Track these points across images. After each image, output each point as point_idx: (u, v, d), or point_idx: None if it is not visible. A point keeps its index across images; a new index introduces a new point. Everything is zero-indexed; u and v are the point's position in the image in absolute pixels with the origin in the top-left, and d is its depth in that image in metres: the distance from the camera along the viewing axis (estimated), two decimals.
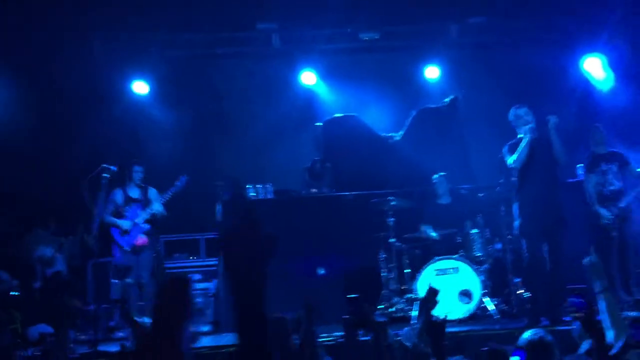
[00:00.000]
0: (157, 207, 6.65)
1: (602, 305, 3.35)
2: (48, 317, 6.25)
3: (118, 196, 6.66)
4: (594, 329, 3.08)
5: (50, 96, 7.96)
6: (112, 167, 6.08)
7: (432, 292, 3.68)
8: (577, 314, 3.27)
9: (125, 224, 6.59)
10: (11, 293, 6.60)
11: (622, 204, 6.29)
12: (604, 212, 6.33)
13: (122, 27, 7.77)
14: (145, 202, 6.68)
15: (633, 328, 3.24)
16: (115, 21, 7.63)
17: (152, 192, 6.76)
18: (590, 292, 3.51)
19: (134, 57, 8.17)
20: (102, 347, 5.58)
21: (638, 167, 6.45)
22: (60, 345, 4.66)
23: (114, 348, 5.42)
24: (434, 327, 3.15)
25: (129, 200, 6.67)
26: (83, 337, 6.18)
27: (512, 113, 6.01)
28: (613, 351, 3.15)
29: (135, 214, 6.63)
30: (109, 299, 6.53)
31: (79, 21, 7.39)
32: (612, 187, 6.40)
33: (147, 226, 6.63)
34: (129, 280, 6.43)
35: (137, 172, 6.72)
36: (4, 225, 7.37)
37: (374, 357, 2.99)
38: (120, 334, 6.20)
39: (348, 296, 3.07)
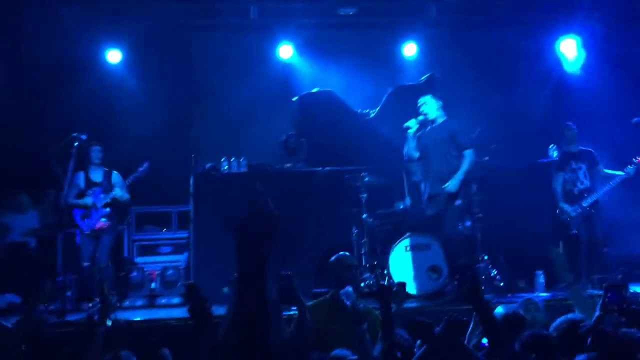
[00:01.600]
0: (118, 191, 6.60)
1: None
2: (15, 287, 6.23)
3: (80, 179, 6.59)
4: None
5: (20, 65, 7.77)
6: (82, 136, 6.04)
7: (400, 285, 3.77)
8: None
9: (87, 200, 6.55)
10: None
11: (584, 203, 6.47)
12: (567, 207, 6.53)
13: None
14: (107, 186, 6.62)
15: (609, 292, 3.31)
16: None
17: (115, 176, 6.72)
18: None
19: (108, 25, 8.01)
20: (70, 317, 5.58)
21: (606, 167, 6.60)
22: (30, 316, 4.63)
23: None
24: (383, 291, 3.22)
25: (90, 183, 6.61)
26: (51, 307, 6.15)
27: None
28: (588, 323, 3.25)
29: (97, 198, 6.57)
30: (76, 269, 6.47)
31: None
32: (581, 186, 6.57)
33: (106, 210, 6.56)
34: (86, 263, 6.39)
35: (96, 152, 6.63)
36: None
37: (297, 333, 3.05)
38: (88, 305, 6.17)
39: (281, 273, 3.08)
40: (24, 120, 7.78)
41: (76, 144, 6.04)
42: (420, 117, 6.37)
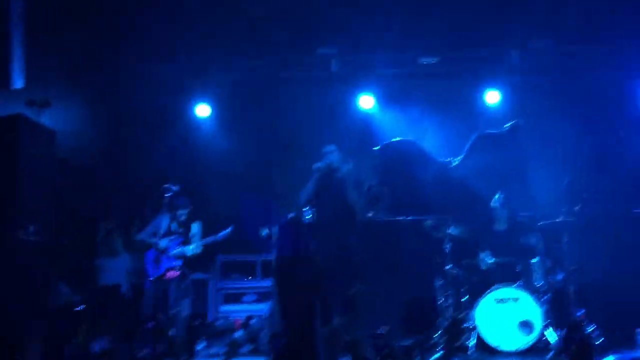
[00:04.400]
0: (193, 247, 6.59)
1: None
2: (107, 331, 6.44)
3: (164, 223, 6.64)
4: None
5: (118, 117, 8.29)
6: (173, 187, 6.27)
7: None
8: None
9: (161, 243, 6.56)
10: (75, 309, 6.83)
11: None
12: None
13: (187, 51, 8.04)
14: (185, 237, 6.65)
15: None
16: (180, 47, 7.92)
17: (195, 228, 6.71)
18: None
19: (197, 80, 8.41)
20: None
21: None
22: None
23: None
24: None
25: (170, 231, 6.63)
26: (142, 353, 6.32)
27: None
28: None
29: (173, 247, 6.60)
30: (166, 314, 6.61)
31: (147, 47, 7.71)
32: None
33: (178, 262, 6.58)
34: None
35: (182, 215, 6.64)
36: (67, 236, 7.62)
37: None
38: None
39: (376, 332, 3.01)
40: (119, 169, 8.19)
41: (168, 194, 6.29)
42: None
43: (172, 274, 6.55)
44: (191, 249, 6.61)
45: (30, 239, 6.31)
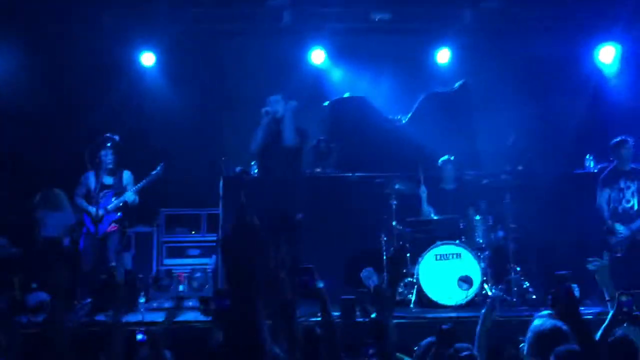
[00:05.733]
0: (129, 195, 6.40)
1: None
2: (45, 283, 6.27)
3: (90, 180, 6.39)
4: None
5: (58, 64, 7.92)
6: (115, 137, 6.07)
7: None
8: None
9: (95, 208, 6.29)
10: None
11: (634, 226, 6.14)
12: (620, 228, 6.15)
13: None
14: (118, 189, 6.45)
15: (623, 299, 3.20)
16: None
17: (127, 176, 6.51)
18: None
19: (142, 29, 8.09)
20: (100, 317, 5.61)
21: None
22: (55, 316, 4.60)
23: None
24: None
25: (101, 186, 6.35)
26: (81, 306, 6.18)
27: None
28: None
29: (108, 201, 6.39)
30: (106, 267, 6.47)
31: None
32: (627, 205, 6.23)
33: (118, 214, 6.41)
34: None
35: (108, 155, 6.37)
36: (4, 188, 7.34)
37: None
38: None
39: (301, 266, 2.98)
40: (62, 119, 7.88)
41: (109, 144, 6.09)
42: None
43: (111, 227, 6.39)
44: (127, 197, 6.40)
45: None
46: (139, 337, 3.33)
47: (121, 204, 6.42)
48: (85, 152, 5.80)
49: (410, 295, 6.17)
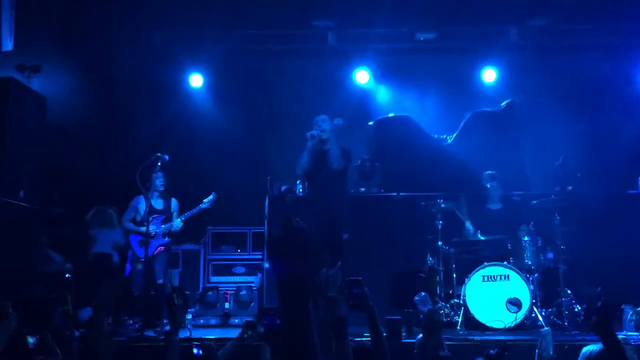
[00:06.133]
0: (177, 223, 6.54)
1: None
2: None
3: (141, 204, 6.49)
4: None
5: (110, 85, 8.19)
6: (165, 157, 6.20)
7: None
8: None
9: (145, 230, 6.35)
10: (66, 275, 6.80)
11: None
12: None
13: (180, 22, 7.93)
14: (166, 214, 6.58)
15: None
16: (174, 15, 7.80)
17: (174, 204, 6.65)
18: None
19: (192, 51, 8.31)
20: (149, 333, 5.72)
21: None
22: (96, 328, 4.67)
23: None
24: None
25: (151, 209, 6.40)
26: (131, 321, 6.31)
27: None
28: None
29: (157, 226, 6.52)
30: (155, 286, 6.60)
31: (140, 14, 7.59)
32: None
33: (165, 239, 6.56)
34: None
35: (158, 179, 6.53)
36: (59, 204, 7.55)
37: None
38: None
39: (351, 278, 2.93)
40: (113, 137, 8.12)
41: (159, 163, 6.23)
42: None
43: (158, 249, 6.55)
44: (176, 225, 6.56)
45: (20, 205, 6.28)
46: (195, 351, 3.40)
47: (168, 231, 6.57)
48: (136, 174, 5.91)
49: (457, 317, 6.08)
